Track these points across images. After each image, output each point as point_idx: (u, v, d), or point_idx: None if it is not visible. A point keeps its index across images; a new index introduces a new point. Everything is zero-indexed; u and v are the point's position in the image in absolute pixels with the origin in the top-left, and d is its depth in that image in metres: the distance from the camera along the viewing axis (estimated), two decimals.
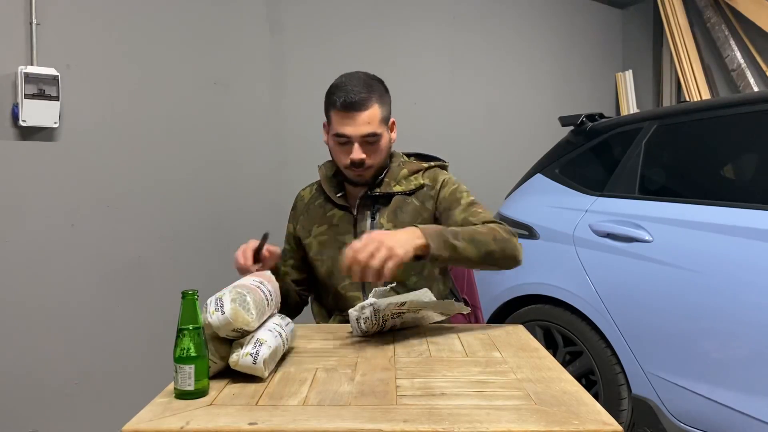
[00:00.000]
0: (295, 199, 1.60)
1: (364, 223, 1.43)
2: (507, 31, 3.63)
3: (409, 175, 1.46)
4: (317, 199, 1.52)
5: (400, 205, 1.43)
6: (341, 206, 1.46)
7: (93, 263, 2.26)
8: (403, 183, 1.45)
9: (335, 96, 1.35)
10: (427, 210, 1.43)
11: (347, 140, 1.35)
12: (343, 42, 2.95)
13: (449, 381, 0.97)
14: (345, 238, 1.42)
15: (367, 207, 1.44)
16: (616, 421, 0.80)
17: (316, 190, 1.56)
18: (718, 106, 2.09)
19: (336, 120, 1.36)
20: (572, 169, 2.49)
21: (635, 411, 2.06)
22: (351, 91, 1.34)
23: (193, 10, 2.50)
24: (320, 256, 1.46)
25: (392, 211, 1.42)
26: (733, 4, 3.48)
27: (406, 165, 1.48)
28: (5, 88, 2.05)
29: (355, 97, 1.33)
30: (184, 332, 0.89)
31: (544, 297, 2.32)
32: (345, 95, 1.33)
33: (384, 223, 1.41)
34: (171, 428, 0.79)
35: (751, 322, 1.72)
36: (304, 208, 1.54)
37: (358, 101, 1.33)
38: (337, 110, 1.35)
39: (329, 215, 1.47)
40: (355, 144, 1.35)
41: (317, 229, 1.48)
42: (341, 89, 1.35)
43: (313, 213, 1.51)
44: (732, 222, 1.81)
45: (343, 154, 1.38)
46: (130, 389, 2.32)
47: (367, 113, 1.34)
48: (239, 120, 2.64)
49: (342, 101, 1.33)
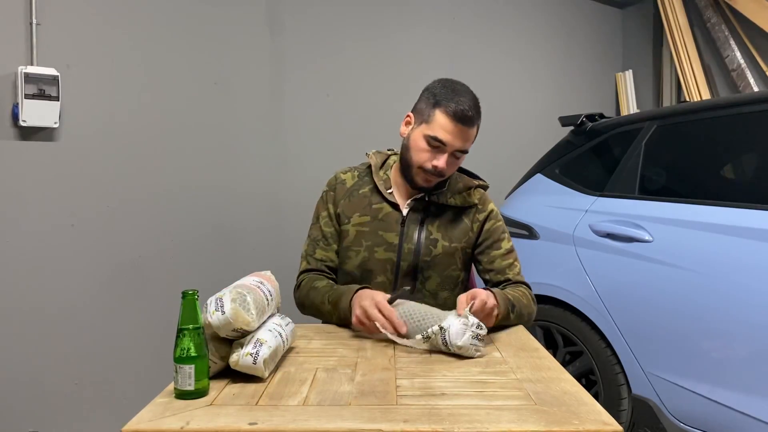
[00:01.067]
0: (331, 180, 1.53)
1: (414, 226, 1.42)
2: (507, 31, 3.63)
3: (464, 189, 1.47)
4: (362, 187, 1.48)
5: (452, 219, 1.44)
6: (391, 203, 1.44)
7: (93, 263, 2.26)
8: (458, 198, 1.45)
9: (450, 101, 1.33)
10: (473, 233, 1.46)
11: (441, 146, 1.34)
12: (343, 42, 2.95)
13: (449, 381, 0.97)
14: (388, 235, 1.41)
15: (417, 211, 1.43)
16: (616, 421, 0.81)
17: (359, 177, 1.51)
18: (718, 106, 2.09)
19: (441, 123, 1.33)
20: (572, 169, 2.49)
21: (635, 411, 2.06)
22: (466, 104, 1.33)
23: (193, 10, 2.50)
24: (357, 246, 1.43)
25: (444, 223, 1.43)
26: (733, 4, 3.48)
27: (461, 179, 1.48)
28: (5, 88, 2.05)
29: (470, 113, 1.32)
30: (184, 332, 0.89)
31: (544, 297, 2.32)
32: (462, 105, 1.32)
33: (433, 232, 1.42)
34: (171, 428, 0.79)
35: (751, 322, 1.72)
36: (346, 193, 1.48)
37: (471, 117, 1.33)
38: (446, 114, 1.32)
39: (375, 207, 1.44)
40: (446, 153, 1.34)
41: (359, 218, 1.44)
42: (457, 97, 1.33)
43: (357, 201, 1.46)
44: (732, 222, 1.81)
45: (427, 156, 1.35)
46: (130, 389, 2.32)
47: (471, 131, 1.35)
48: (239, 120, 2.64)
49: (457, 110, 1.31)
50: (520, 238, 2.44)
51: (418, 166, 1.37)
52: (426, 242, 1.41)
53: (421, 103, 1.39)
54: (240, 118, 2.64)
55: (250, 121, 2.68)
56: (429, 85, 1.41)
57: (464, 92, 1.36)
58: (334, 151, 2.86)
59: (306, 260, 1.49)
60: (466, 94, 1.35)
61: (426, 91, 1.40)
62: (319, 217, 1.51)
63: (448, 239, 1.43)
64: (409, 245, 1.41)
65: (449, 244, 1.43)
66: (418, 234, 1.41)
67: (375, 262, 1.42)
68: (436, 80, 1.41)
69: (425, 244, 1.41)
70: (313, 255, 1.48)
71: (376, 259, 1.41)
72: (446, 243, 1.42)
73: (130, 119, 2.34)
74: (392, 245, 1.41)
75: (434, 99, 1.35)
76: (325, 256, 1.47)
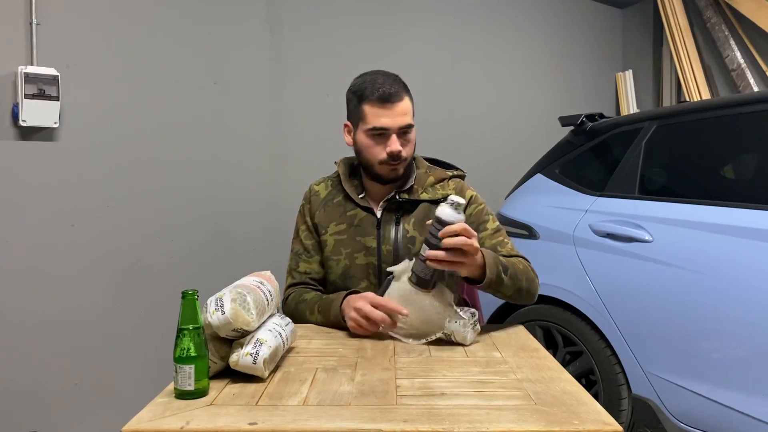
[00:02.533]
0: (306, 192, 1.54)
1: (389, 227, 1.41)
2: (507, 31, 3.63)
3: (435, 183, 1.45)
4: (335, 196, 1.48)
5: (427, 213, 1.41)
6: (364, 207, 1.43)
7: (93, 263, 2.26)
8: (430, 191, 1.44)
9: (367, 91, 1.35)
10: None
11: (384, 132, 1.34)
12: (343, 42, 2.95)
13: (449, 381, 0.97)
14: (366, 240, 1.41)
15: (391, 211, 1.42)
16: (616, 421, 0.81)
17: (332, 186, 1.51)
18: (718, 106, 2.09)
19: (371, 113, 1.35)
20: (572, 169, 2.49)
21: (635, 411, 2.06)
22: (383, 84, 1.34)
23: (193, 10, 2.50)
24: (336, 255, 1.43)
25: (419, 220, 1.41)
26: (733, 4, 3.48)
27: (432, 172, 1.47)
28: (5, 88, 2.05)
29: (390, 89, 1.34)
30: (184, 332, 0.89)
31: (544, 297, 2.31)
32: (380, 88, 1.34)
33: (409, 230, 1.40)
34: (171, 428, 0.79)
35: (751, 322, 1.72)
36: (321, 204, 1.49)
37: (394, 93, 1.34)
38: (372, 103, 1.34)
39: (350, 214, 1.44)
40: (392, 136, 1.34)
41: (335, 227, 1.44)
42: (372, 84, 1.35)
43: (332, 210, 1.46)
44: (732, 222, 1.81)
45: (378, 148, 1.36)
46: (130, 389, 2.32)
47: (402, 104, 1.35)
48: (239, 120, 2.64)
49: (379, 94, 1.33)
50: (520, 237, 2.44)
51: (378, 162, 1.37)
52: (404, 241, 1.39)
53: (349, 107, 1.42)
54: (240, 118, 2.64)
55: (250, 121, 2.68)
56: (348, 89, 1.43)
57: (379, 74, 1.38)
58: (334, 151, 2.85)
59: (290, 275, 1.49)
60: (382, 75, 1.37)
61: (348, 95, 1.42)
62: (298, 230, 1.51)
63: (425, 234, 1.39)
64: (387, 246, 1.39)
65: None
66: (395, 234, 1.40)
67: (356, 269, 1.41)
68: (351, 82, 1.43)
69: (403, 243, 1.39)
70: (297, 269, 1.48)
71: (357, 265, 1.41)
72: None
73: (129, 119, 2.34)
74: (371, 249, 1.40)
75: (356, 97, 1.38)
76: (308, 269, 1.47)
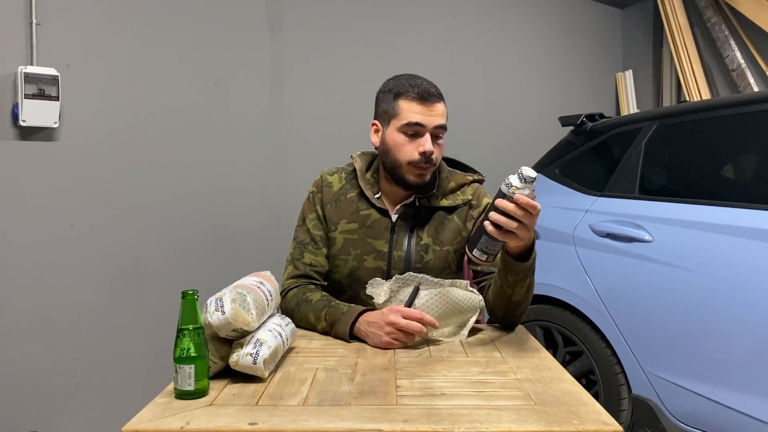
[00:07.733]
0: (318, 180, 1.45)
1: (403, 233, 1.36)
2: (507, 31, 3.63)
3: (456, 188, 1.42)
4: (348, 191, 1.41)
5: (442, 221, 1.38)
6: (379, 208, 1.38)
7: (93, 263, 2.26)
8: (450, 197, 1.40)
9: (405, 88, 1.31)
10: (466, 231, 1.40)
11: (419, 131, 1.30)
12: (342, 42, 2.95)
13: (449, 381, 0.97)
14: (377, 243, 1.36)
15: (407, 216, 1.37)
16: (616, 421, 0.81)
17: (346, 180, 1.43)
18: (718, 106, 2.09)
19: (407, 109, 1.30)
20: (572, 169, 2.49)
21: (635, 411, 2.06)
22: (425, 83, 1.32)
23: (193, 10, 2.50)
24: (345, 255, 1.37)
25: (434, 227, 1.37)
26: (733, 4, 3.48)
27: (453, 177, 1.43)
28: (5, 88, 2.05)
29: (430, 89, 1.31)
30: (184, 332, 0.89)
31: (544, 297, 2.32)
32: (420, 85, 1.31)
33: (424, 237, 1.36)
34: (171, 428, 0.79)
35: (751, 322, 1.72)
36: (333, 197, 1.41)
37: (433, 93, 1.31)
38: (410, 99, 1.30)
39: (363, 214, 1.38)
40: (426, 134, 1.30)
41: (346, 225, 1.38)
42: (410, 81, 1.32)
43: (344, 206, 1.40)
44: (732, 222, 1.81)
45: (410, 147, 1.30)
46: (130, 389, 2.32)
47: (439, 106, 1.32)
48: (239, 120, 2.64)
49: (419, 91, 1.30)
50: None
51: (407, 162, 1.31)
52: (417, 249, 1.35)
53: (382, 105, 1.37)
54: (240, 119, 2.64)
55: (250, 121, 2.68)
56: (380, 89, 1.39)
57: (417, 77, 1.35)
58: (334, 151, 2.85)
59: (293, 265, 1.40)
60: (420, 78, 1.35)
61: (381, 94, 1.38)
62: (306, 219, 1.43)
63: (439, 243, 1.37)
64: (399, 252, 1.35)
65: (441, 248, 1.37)
66: (408, 241, 1.35)
67: (365, 271, 1.35)
68: (384, 83, 1.39)
69: (416, 251, 1.35)
70: (301, 259, 1.39)
71: (365, 268, 1.35)
72: (437, 248, 1.37)
73: (129, 119, 2.34)
74: (382, 253, 1.35)
75: (392, 94, 1.33)
76: (314, 261, 1.39)
